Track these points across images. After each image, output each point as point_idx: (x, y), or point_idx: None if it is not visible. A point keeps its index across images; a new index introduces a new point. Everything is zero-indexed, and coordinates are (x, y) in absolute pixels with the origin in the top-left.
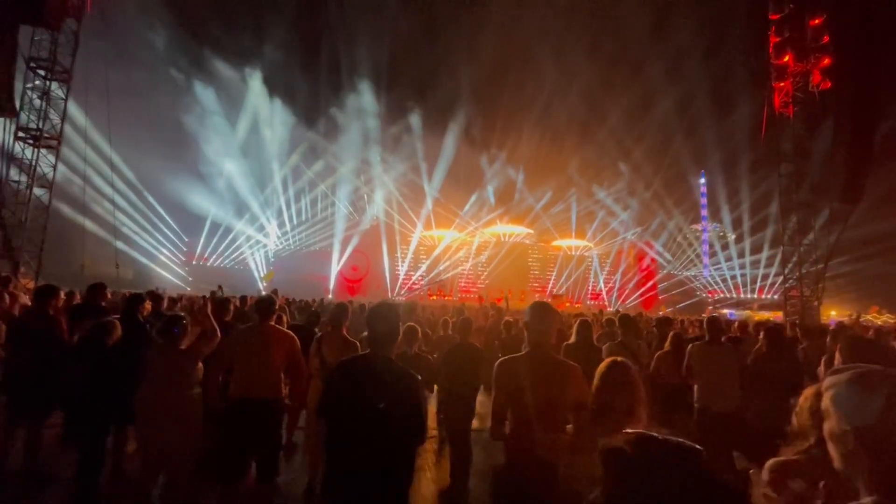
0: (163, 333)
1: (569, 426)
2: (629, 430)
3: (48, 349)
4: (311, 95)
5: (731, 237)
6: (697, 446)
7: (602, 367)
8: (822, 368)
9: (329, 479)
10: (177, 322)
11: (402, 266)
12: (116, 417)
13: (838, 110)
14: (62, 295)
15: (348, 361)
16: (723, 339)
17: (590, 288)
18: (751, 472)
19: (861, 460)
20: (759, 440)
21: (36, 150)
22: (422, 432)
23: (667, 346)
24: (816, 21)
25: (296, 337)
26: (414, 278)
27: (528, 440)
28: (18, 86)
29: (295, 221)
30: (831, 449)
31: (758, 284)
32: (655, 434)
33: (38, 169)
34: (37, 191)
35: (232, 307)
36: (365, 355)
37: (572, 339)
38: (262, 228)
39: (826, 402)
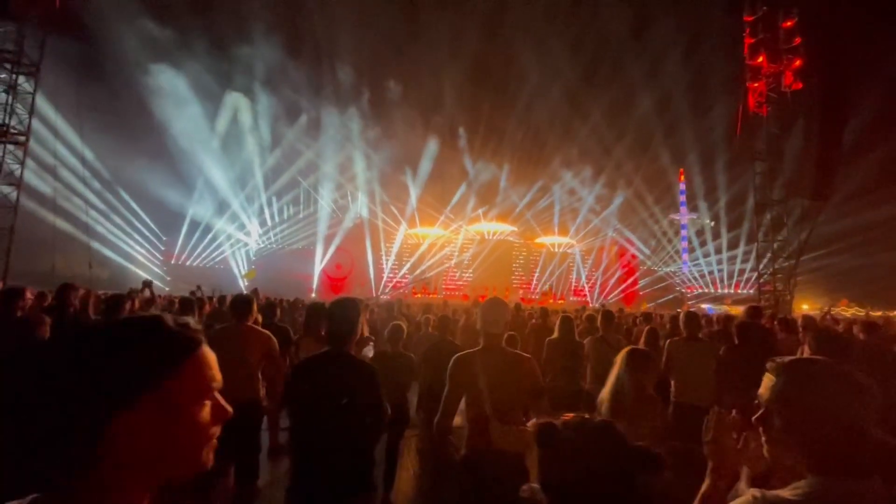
0: None
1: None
2: (568, 414)
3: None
4: (293, 92)
5: (709, 224)
6: (614, 423)
7: (623, 355)
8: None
9: (297, 475)
10: None
11: (387, 264)
12: None
13: (809, 110)
14: (29, 295)
15: (309, 360)
16: (700, 334)
17: (572, 284)
18: (713, 409)
19: (802, 443)
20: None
21: (2, 146)
22: (382, 420)
23: (641, 342)
24: (789, 23)
25: (273, 336)
26: (398, 276)
27: (485, 431)
28: None
29: (277, 219)
30: (764, 437)
31: (734, 279)
32: (587, 416)
33: (5, 166)
34: (3, 188)
35: (206, 307)
36: (325, 352)
37: (556, 335)
38: (242, 227)
39: (765, 391)
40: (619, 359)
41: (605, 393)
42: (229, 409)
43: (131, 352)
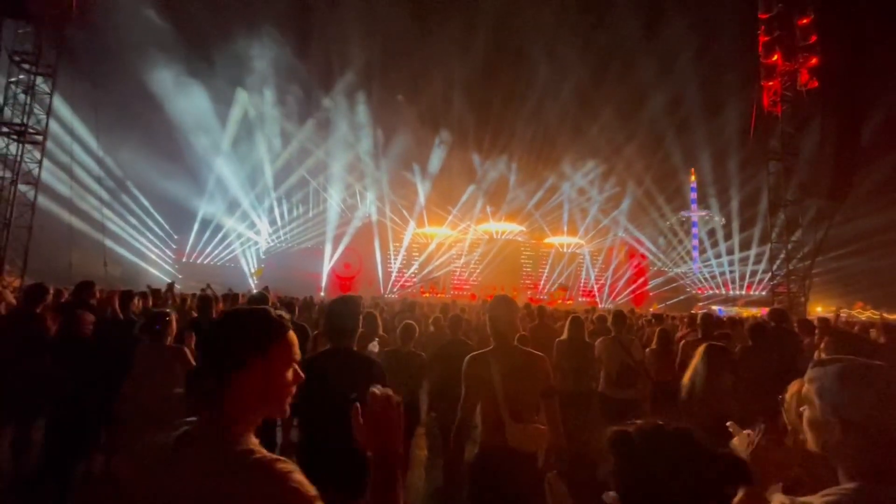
0: (146, 330)
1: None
2: (638, 420)
3: (35, 349)
4: (303, 92)
5: (720, 221)
6: (689, 427)
7: (701, 349)
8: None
9: (303, 473)
10: (159, 319)
11: (395, 263)
12: (107, 416)
13: (825, 109)
14: (50, 294)
15: (313, 358)
16: (715, 333)
17: (581, 285)
18: (728, 423)
19: (845, 450)
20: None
21: (20, 145)
22: None
23: (654, 343)
24: (805, 21)
25: None
26: (407, 275)
27: (500, 430)
28: (2, 80)
29: (286, 219)
30: (810, 436)
31: (746, 281)
32: (660, 422)
33: (24, 165)
34: (22, 187)
35: (220, 305)
36: (328, 350)
37: (564, 336)
38: (253, 226)
39: (809, 391)
40: (698, 353)
41: (685, 383)
42: (303, 374)
43: (249, 330)
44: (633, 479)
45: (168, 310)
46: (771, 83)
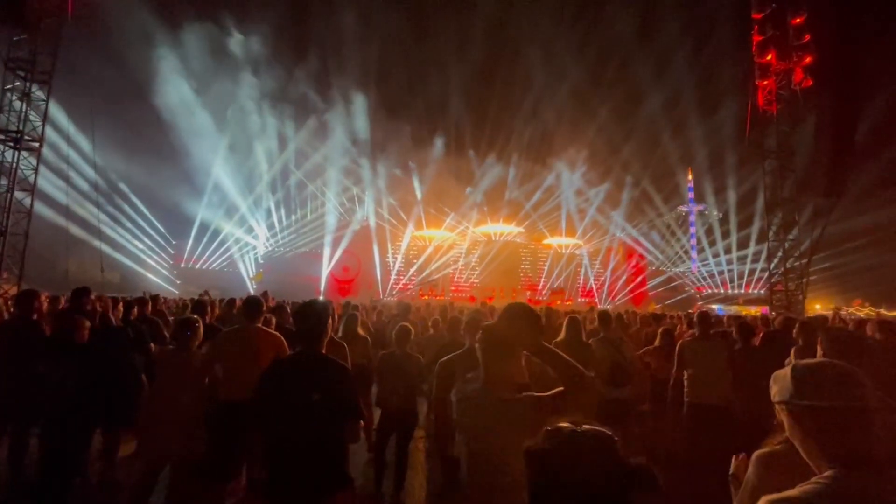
0: (175, 337)
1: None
2: (548, 427)
3: (31, 354)
4: (300, 96)
5: (717, 216)
6: (608, 432)
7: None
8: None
9: (271, 474)
10: (189, 325)
11: (394, 266)
12: (103, 421)
13: (820, 108)
14: (44, 298)
15: (280, 361)
16: (711, 332)
17: (580, 285)
18: (736, 456)
19: (795, 436)
20: (747, 432)
21: (16, 152)
22: (354, 413)
23: (657, 341)
24: (798, 20)
25: (283, 338)
26: (406, 278)
27: None
28: None
29: (284, 223)
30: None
31: (745, 279)
32: (571, 426)
33: (20, 172)
34: (18, 194)
35: (216, 310)
36: (295, 353)
37: (562, 336)
38: (251, 230)
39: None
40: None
41: None
42: None
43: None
44: (542, 480)
45: (195, 316)
46: (765, 82)
